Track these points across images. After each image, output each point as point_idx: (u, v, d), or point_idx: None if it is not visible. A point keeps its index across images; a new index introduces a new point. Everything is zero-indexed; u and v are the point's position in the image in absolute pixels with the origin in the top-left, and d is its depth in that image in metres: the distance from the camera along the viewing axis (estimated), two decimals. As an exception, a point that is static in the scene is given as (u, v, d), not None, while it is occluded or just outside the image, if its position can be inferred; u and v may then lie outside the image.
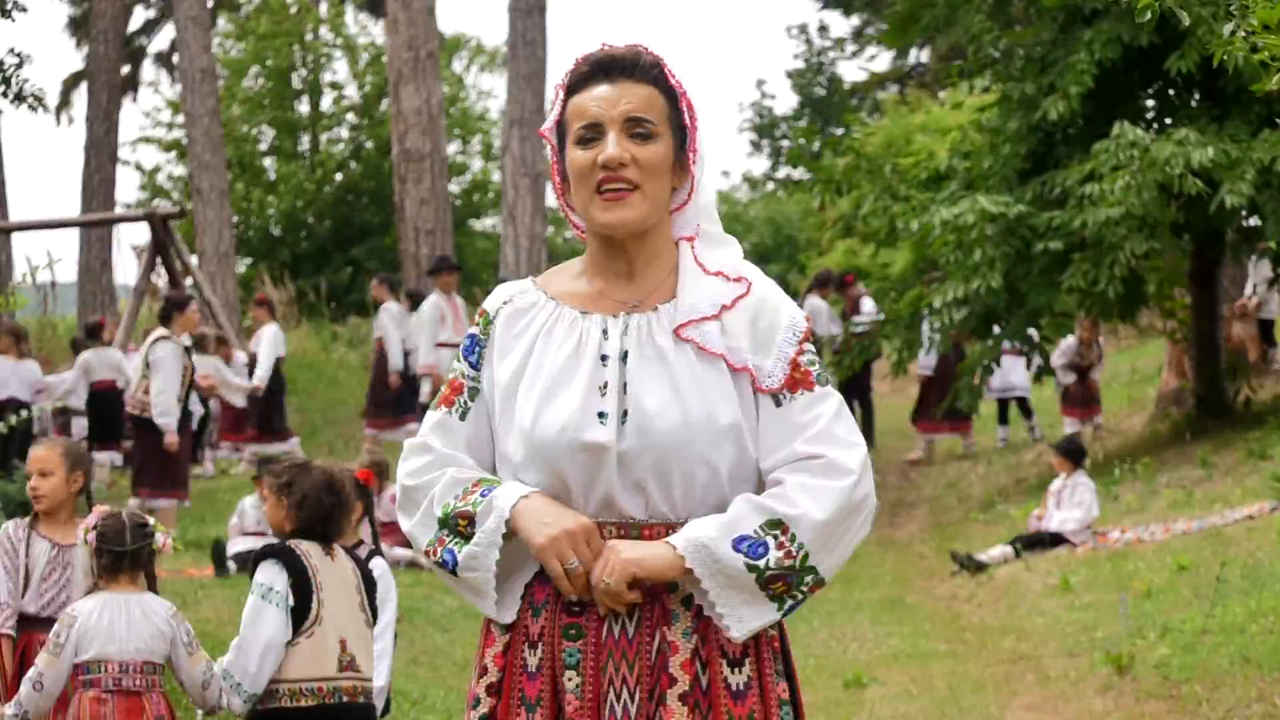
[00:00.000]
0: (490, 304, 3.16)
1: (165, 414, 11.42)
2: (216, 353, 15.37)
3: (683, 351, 3.03)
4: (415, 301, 16.80)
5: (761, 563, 2.94)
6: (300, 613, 5.27)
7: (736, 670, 3.00)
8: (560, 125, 3.12)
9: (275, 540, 5.46)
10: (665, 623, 2.99)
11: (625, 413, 2.99)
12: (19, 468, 12.59)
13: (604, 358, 3.03)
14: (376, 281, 17.38)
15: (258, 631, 5.23)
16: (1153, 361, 18.41)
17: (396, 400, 15.95)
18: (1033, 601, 10.15)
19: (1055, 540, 11.41)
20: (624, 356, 3.03)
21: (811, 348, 3.10)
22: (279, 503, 5.48)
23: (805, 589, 2.98)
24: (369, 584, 5.52)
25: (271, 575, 5.28)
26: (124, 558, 5.37)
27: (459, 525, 3.03)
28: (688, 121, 3.10)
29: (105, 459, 14.69)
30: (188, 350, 11.70)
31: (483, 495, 3.02)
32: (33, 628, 5.85)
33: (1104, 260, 12.41)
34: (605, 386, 3.01)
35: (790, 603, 2.99)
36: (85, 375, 14.68)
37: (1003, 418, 16.84)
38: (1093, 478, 11.99)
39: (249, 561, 5.58)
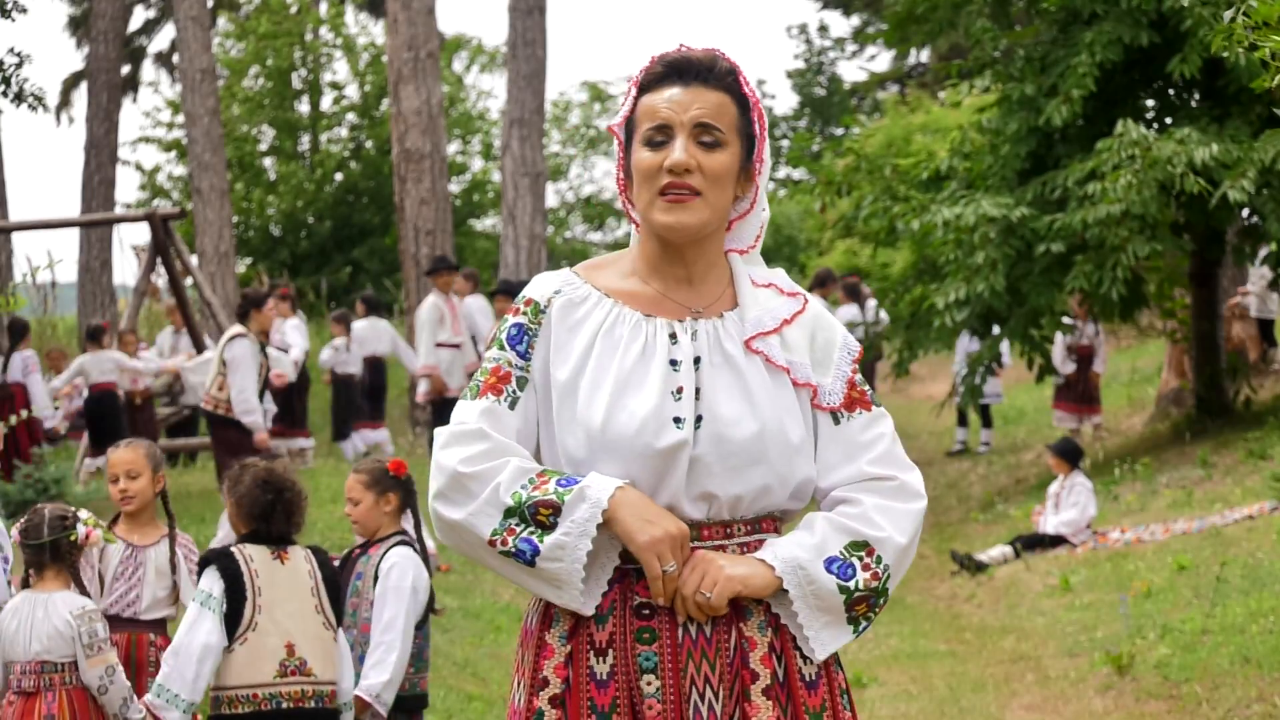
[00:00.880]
0: (537, 293, 3.09)
1: (249, 412, 11.18)
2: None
3: (753, 363, 3.03)
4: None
5: (851, 584, 2.99)
6: (232, 619, 5.25)
7: (808, 661, 3.02)
8: (629, 122, 3.09)
9: (228, 545, 5.47)
10: (741, 619, 2.99)
11: (700, 419, 2.98)
12: (19, 467, 12.60)
13: (674, 362, 3.01)
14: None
15: (193, 638, 5.23)
16: (1153, 361, 18.42)
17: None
18: (1033, 601, 10.15)
19: (1055, 540, 11.41)
20: (696, 362, 3.02)
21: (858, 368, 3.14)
22: (229, 503, 5.50)
23: (878, 611, 3.05)
24: (332, 586, 5.48)
25: (210, 581, 5.29)
26: (43, 551, 5.35)
27: (539, 515, 2.92)
28: (757, 131, 3.09)
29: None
30: (263, 347, 11.61)
31: (561, 485, 2.93)
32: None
33: (1105, 262, 12.41)
34: (680, 391, 2.99)
35: (864, 624, 3.04)
36: (82, 379, 14.65)
37: (986, 421, 16.84)
38: (1091, 478, 11.99)
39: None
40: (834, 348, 3.10)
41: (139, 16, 34.58)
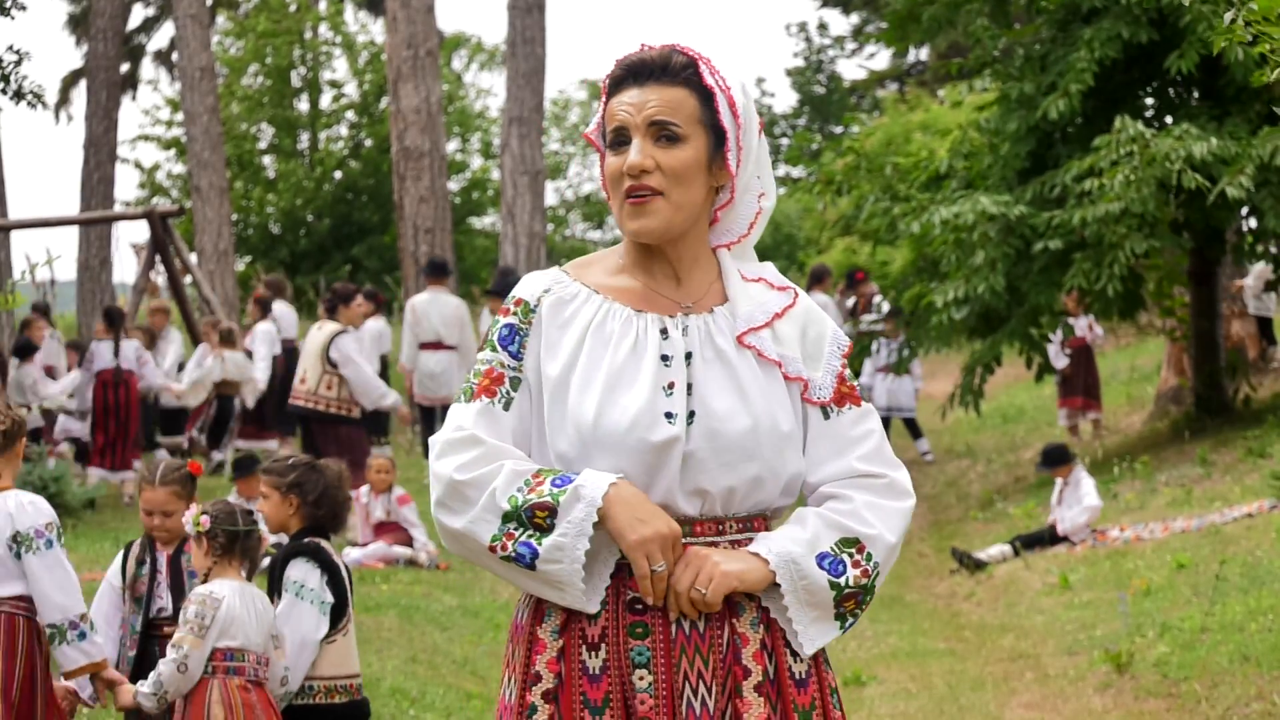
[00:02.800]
0: (527, 292, 3.09)
1: (384, 396, 11.61)
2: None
3: (745, 357, 3.04)
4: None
5: (842, 580, 3.00)
6: (338, 609, 5.29)
7: (798, 660, 3.04)
8: (604, 128, 3.10)
9: (304, 539, 5.45)
10: (734, 615, 3.00)
11: (692, 414, 2.99)
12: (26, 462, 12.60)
13: (665, 358, 3.01)
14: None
15: (295, 630, 5.24)
16: (1152, 360, 18.41)
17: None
18: (1032, 600, 10.15)
19: (1054, 539, 11.41)
20: (688, 357, 3.03)
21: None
22: (284, 501, 5.46)
23: (864, 608, 3.07)
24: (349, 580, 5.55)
25: (304, 572, 5.28)
26: (237, 539, 5.29)
27: (536, 517, 2.92)
28: (727, 120, 3.05)
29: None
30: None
31: (555, 485, 2.93)
32: None
33: (1104, 259, 12.41)
34: (671, 387, 2.99)
35: (851, 621, 3.06)
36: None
37: (915, 433, 16.82)
38: (1091, 476, 11.97)
39: (274, 561, 5.57)
40: (824, 341, 3.11)
41: (138, 14, 34.58)
